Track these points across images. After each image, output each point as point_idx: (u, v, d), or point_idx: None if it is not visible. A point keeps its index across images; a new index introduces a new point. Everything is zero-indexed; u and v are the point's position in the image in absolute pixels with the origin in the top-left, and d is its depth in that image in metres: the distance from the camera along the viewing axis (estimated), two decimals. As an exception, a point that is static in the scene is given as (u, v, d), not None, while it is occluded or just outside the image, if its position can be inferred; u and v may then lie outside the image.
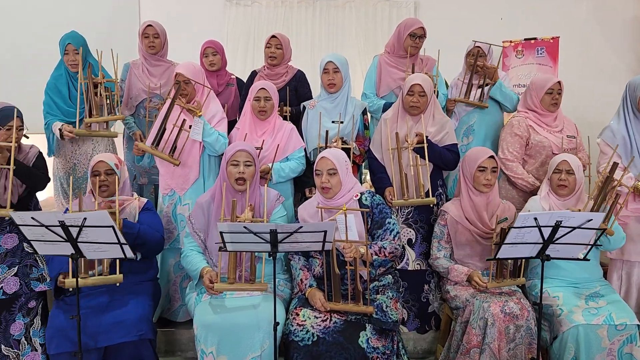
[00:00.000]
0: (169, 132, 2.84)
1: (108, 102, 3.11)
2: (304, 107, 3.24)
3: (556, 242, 2.20)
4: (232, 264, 2.37)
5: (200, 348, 2.36)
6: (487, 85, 3.29)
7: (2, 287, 2.54)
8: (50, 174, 3.33)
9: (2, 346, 2.56)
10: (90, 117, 3.10)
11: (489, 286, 2.56)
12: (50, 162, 3.36)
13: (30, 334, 2.62)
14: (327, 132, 3.02)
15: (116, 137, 3.33)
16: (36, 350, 2.63)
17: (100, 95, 3.09)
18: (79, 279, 2.22)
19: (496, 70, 3.28)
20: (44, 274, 2.65)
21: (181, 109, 2.88)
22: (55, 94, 3.26)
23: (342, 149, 2.90)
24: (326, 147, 2.97)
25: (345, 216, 2.34)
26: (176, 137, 2.83)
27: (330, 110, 3.14)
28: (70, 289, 2.30)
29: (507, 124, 3.17)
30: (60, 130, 3.15)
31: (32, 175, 2.65)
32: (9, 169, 2.47)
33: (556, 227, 2.14)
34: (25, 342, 2.61)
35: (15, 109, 2.59)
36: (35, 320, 2.64)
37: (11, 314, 2.58)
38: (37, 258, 2.64)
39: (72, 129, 3.13)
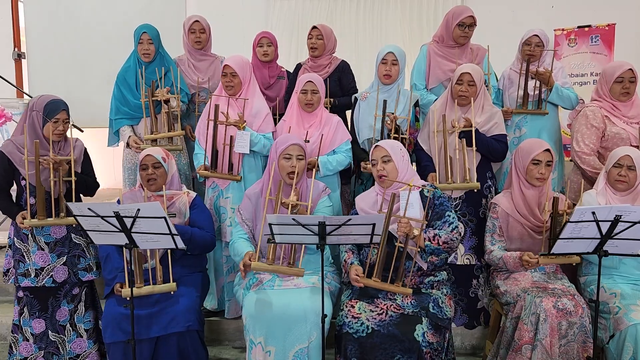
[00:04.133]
0: (222, 153, 2.91)
1: (168, 117, 3.15)
2: (355, 99, 3.21)
3: (615, 237, 2.12)
4: (274, 245, 2.37)
5: (249, 338, 2.39)
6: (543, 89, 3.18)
7: (52, 275, 2.63)
8: (121, 165, 3.42)
9: (50, 332, 2.67)
10: (151, 133, 3.16)
11: (541, 262, 2.46)
12: (119, 153, 3.47)
13: (75, 320, 2.72)
14: (384, 101, 2.95)
15: (180, 150, 3.34)
16: (81, 337, 2.73)
17: (168, 107, 3.13)
18: (134, 289, 2.29)
19: (551, 76, 3.14)
20: (90, 264, 2.73)
21: (225, 127, 2.90)
22: (123, 85, 3.32)
23: (396, 129, 2.91)
24: (384, 117, 2.94)
25: (410, 192, 2.30)
26: (230, 154, 2.91)
27: (382, 102, 3.10)
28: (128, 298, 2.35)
29: (581, 115, 2.99)
30: (127, 143, 3.27)
31: (88, 185, 2.77)
32: (70, 180, 2.57)
33: (615, 221, 2.05)
34: (71, 329, 2.71)
35: (62, 102, 2.65)
36: (79, 307, 2.73)
37: (57, 301, 2.68)
38: (84, 249, 2.73)
39: (140, 144, 3.20)
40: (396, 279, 2.32)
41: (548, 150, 2.65)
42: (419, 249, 2.35)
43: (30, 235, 2.64)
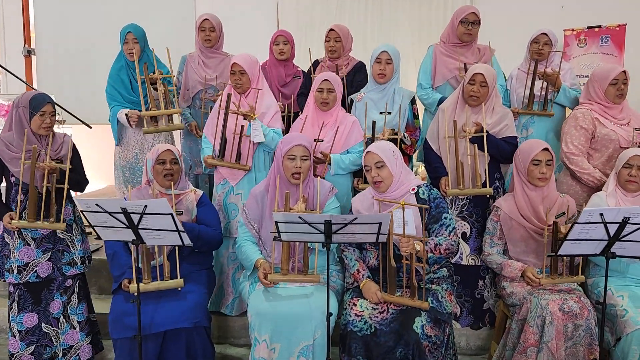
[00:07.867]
0: (231, 142, 2.90)
1: (165, 96, 3.15)
2: (352, 100, 3.21)
3: (623, 239, 2.10)
4: (285, 255, 2.39)
5: (254, 335, 2.39)
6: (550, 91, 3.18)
7: (36, 270, 2.64)
8: (112, 163, 3.47)
9: (43, 324, 2.68)
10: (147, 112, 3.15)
11: (543, 282, 2.48)
12: (111, 151, 3.50)
13: (68, 311, 2.74)
14: (373, 122, 2.97)
15: (182, 129, 3.37)
16: (74, 328, 2.75)
17: (157, 90, 3.12)
18: (140, 285, 2.30)
19: (558, 77, 3.14)
20: (74, 259, 2.74)
21: (236, 116, 2.89)
22: (118, 83, 3.36)
23: (390, 139, 2.87)
24: (373, 138, 2.93)
25: (404, 210, 2.29)
26: (239, 144, 2.89)
27: (378, 102, 3.10)
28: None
29: (570, 116, 3.02)
30: (127, 115, 3.25)
31: (80, 182, 2.79)
32: (63, 188, 2.57)
33: (623, 223, 2.04)
34: (64, 321, 2.72)
35: (47, 95, 2.66)
36: (72, 298, 2.75)
37: (50, 293, 2.70)
38: (69, 243, 2.73)
39: (138, 113, 3.19)
40: (411, 294, 2.32)
41: (547, 149, 2.64)
42: (425, 265, 2.36)
43: (17, 231, 2.64)
